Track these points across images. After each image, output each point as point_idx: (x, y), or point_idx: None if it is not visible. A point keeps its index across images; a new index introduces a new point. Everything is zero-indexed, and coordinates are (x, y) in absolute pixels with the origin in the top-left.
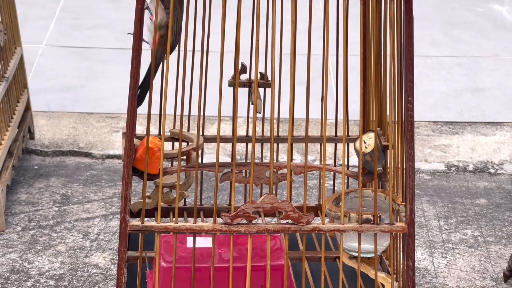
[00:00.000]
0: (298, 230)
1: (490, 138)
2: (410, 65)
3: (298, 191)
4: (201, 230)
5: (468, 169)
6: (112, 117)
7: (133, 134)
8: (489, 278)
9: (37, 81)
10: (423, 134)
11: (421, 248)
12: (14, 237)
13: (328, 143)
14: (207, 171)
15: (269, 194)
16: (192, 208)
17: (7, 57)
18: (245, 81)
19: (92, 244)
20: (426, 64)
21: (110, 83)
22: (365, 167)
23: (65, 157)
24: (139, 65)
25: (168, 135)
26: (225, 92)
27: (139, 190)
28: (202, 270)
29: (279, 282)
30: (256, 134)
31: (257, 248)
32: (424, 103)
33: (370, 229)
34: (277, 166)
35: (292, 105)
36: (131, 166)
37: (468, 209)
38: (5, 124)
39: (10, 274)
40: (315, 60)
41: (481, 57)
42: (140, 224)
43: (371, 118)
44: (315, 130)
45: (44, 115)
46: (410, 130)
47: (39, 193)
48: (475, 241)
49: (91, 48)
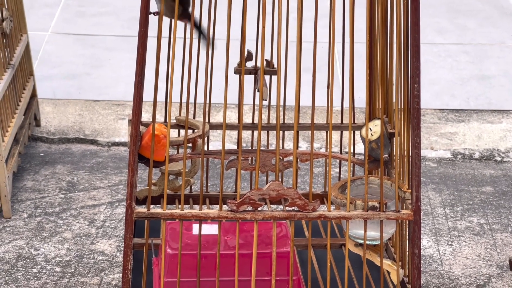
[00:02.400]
0: (304, 217)
1: (496, 126)
2: (416, 52)
3: (304, 178)
4: (207, 217)
5: (474, 157)
6: (117, 104)
7: (139, 120)
8: (494, 266)
9: (43, 69)
10: (429, 121)
11: (426, 235)
12: (20, 224)
13: (334, 131)
14: (213, 158)
15: (275, 181)
16: (198, 195)
17: (13, 44)
18: (251, 68)
19: (98, 231)
20: (432, 52)
21: (116, 70)
22: (371, 155)
23: (71, 144)
24: (145, 52)
25: (174, 122)
26: (231, 80)
27: (145, 178)
28: (208, 257)
29: (284, 269)
30: (262, 122)
31: (262, 235)
32: (430, 91)
33: (376, 216)
34: (283, 153)
35: (298, 92)
36: (137, 153)
37: (474, 197)
38: (11, 111)
39: (17, 261)
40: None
41: (487, 44)
42: (146, 211)
43: (377, 106)
44: (321, 118)
45: (50, 103)
46: (417, 117)
47: (45, 180)
48: (481, 229)
49: (96, 35)
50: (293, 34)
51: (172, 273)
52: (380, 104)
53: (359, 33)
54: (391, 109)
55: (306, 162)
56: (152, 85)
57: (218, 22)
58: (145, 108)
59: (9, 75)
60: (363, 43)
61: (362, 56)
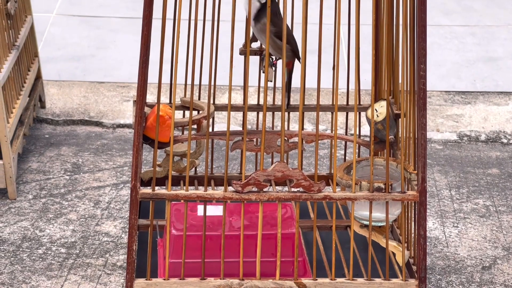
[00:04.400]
0: (309, 198)
1: (503, 108)
2: (423, 32)
3: (309, 160)
4: (212, 198)
5: (480, 139)
6: (122, 86)
7: (143, 101)
8: (500, 248)
9: (48, 50)
10: (435, 104)
11: (432, 217)
12: (25, 205)
13: (339, 112)
14: (218, 140)
15: (280, 162)
16: (202, 177)
17: (17, 25)
18: (256, 49)
19: (103, 213)
20: (439, 34)
21: (121, 52)
22: (377, 136)
23: (76, 126)
24: (149, 32)
25: (179, 103)
26: (236, 61)
27: (149, 160)
28: (213, 238)
29: (289, 250)
30: (267, 103)
31: (267, 217)
32: (436, 73)
33: (381, 198)
34: (288, 134)
35: (303, 74)
36: (141, 133)
37: (480, 179)
38: (16, 93)
39: (22, 242)
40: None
41: (494, 26)
42: (150, 192)
43: (383, 87)
44: (326, 99)
45: (55, 84)
46: (423, 98)
47: (50, 162)
48: (487, 211)
49: (101, 17)
50: (299, 15)
51: (177, 254)
52: (386, 85)
53: (365, 15)
54: (397, 90)
55: (311, 143)
56: (157, 67)
57: (224, 2)
58: (150, 90)
59: (13, 56)
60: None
61: (367, 37)
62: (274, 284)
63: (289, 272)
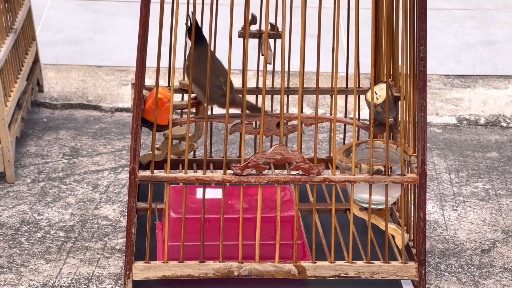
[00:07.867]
0: (308, 181)
1: (502, 92)
2: (423, 14)
3: (308, 144)
4: (211, 180)
5: (480, 123)
6: (121, 70)
7: (142, 83)
8: (500, 231)
9: (45, 34)
10: (434, 87)
11: (431, 201)
12: (24, 189)
13: (338, 95)
14: (217, 123)
15: (280, 145)
16: (201, 160)
17: (15, 8)
18: (255, 32)
19: (101, 196)
20: (438, 17)
21: (119, 36)
22: (376, 118)
23: (74, 110)
24: (148, 14)
25: (177, 86)
26: (235, 45)
27: (148, 143)
28: (212, 221)
29: (289, 233)
30: (266, 87)
31: (267, 199)
32: (435, 57)
33: (381, 180)
34: (288, 117)
35: (302, 57)
36: (140, 115)
37: (480, 162)
38: (14, 76)
39: (20, 225)
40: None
41: (493, 9)
42: (149, 175)
43: (382, 71)
44: (325, 83)
45: (52, 68)
46: (423, 80)
47: (48, 146)
48: (486, 194)
49: (99, 0)
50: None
51: (176, 237)
52: (386, 68)
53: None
54: (396, 72)
55: (310, 126)
56: (155, 51)
57: None
58: (148, 74)
59: (11, 39)
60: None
61: (367, 21)
62: (273, 267)
63: (289, 255)
